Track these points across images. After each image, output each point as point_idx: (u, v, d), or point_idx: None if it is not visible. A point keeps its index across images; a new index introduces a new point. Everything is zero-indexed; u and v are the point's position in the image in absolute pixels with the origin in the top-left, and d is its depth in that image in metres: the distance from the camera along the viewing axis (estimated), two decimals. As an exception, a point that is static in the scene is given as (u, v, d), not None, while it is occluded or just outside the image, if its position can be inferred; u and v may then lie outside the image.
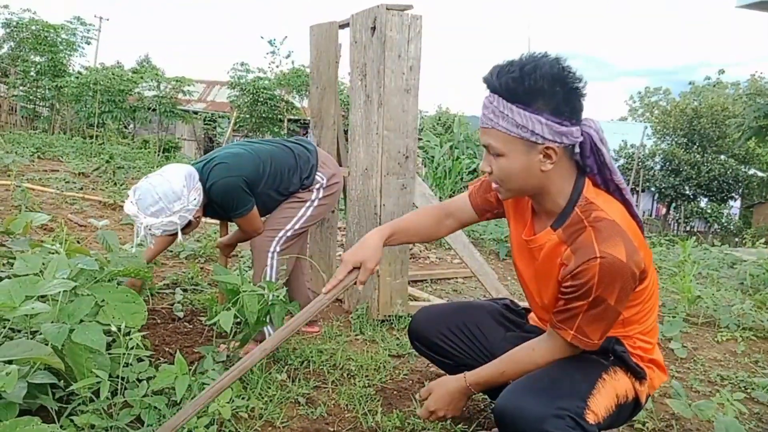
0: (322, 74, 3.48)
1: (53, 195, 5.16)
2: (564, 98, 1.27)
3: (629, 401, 1.46)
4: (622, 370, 1.46)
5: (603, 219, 1.32)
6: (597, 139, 1.34)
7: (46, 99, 15.01)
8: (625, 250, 1.28)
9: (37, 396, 1.52)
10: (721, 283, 4.72)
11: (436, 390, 1.60)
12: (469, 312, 1.79)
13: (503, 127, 1.29)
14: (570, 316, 1.36)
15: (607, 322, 1.36)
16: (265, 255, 2.47)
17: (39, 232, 3.84)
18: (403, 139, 3.02)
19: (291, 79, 14.81)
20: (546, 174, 1.34)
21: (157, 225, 2.14)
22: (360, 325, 2.94)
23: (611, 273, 1.28)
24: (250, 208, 2.37)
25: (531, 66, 1.26)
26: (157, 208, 2.12)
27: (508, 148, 1.31)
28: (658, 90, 44.86)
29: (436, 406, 1.59)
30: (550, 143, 1.29)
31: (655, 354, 1.54)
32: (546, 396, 1.32)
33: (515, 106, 1.27)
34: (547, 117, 1.26)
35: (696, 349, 3.03)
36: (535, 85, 1.25)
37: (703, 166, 20.82)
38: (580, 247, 1.32)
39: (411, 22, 2.92)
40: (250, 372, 2.11)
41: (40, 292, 1.52)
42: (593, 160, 1.37)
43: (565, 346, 1.41)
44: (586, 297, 1.31)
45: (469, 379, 1.54)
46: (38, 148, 8.36)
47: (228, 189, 2.29)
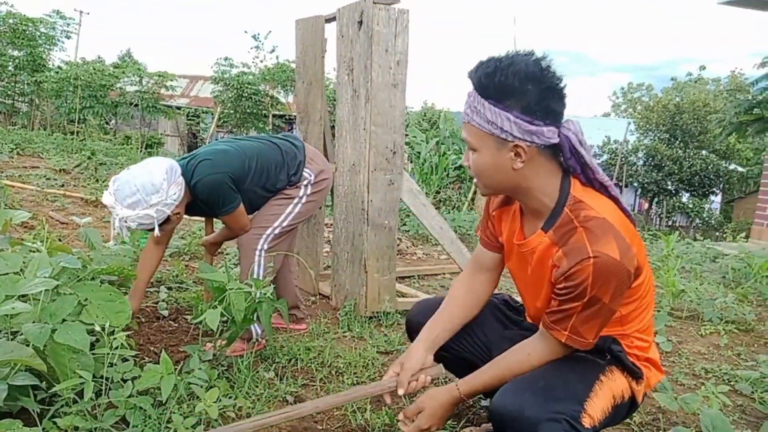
0: (309, 69, 3.45)
1: (33, 192, 5.07)
2: (537, 97, 1.27)
3: (625, 401, 1.45)
4: (619, 370, 1.45)
5: (593, 218, 1.31)
6: (576, 141, 1.33)
7: (25, 94, 14.72)
8: (618, 249, 1.27)
9: (18, 398, 1.48)
10: (704, 277, 4.78)
11: (428, 405, 1.51)
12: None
13: (477, 123, 1.31)
14: (564, 317, 1.34)
15: (601, 321, 1.34)
16: (252, 253, 2.43)
17: (19, 230, 3.77)
18: (391, 135, 3.00)
19: (276, 74, 14.69)
20: (520, 173, 1.34)
21: (133, 217, 2.08)
22: (348, 321, 2.92)
23: (605, 273, 1.26)
24: (236, 206, 2.32)
25: (507, 62, 1.27)
26: (134, 199, 2.07)
27: (480, 143, 1.34)
28: (641, 86, 45.36)
29: (429, 422, 1.51)
30: (519, 141, 1.29)
31: (652, 353, 1.53)
32: (542, 398, 1.30)
33: (487, 102, 1.29)
34: (516, 115, 1.27)
35: (681, 343, 3.07)
36: (505, 81, 1.26)
37: (684, 162, 21.06)
38: (572, 248, 1.30)
39: (398, 16, 2.90)
40: (237, 371, 2.09)
41: (21, 292, 1.48)
42: (575, 161, 1.36)
43: (560, 346, 1.39)
44: (580, 298, 1.29)
45: (463, 389, 1.49)
46: (17, 144, 8.20)
47: (213, 186, 2.24)
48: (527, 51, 1.30)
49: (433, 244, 5.72)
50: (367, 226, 3.01)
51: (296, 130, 14.28)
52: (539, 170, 1.35)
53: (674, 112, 22.57)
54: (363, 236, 3.03)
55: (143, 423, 1.63)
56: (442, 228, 3.36)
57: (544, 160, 1.35)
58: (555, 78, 1.29)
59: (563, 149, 1.34)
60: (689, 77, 40.02)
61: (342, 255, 3.22)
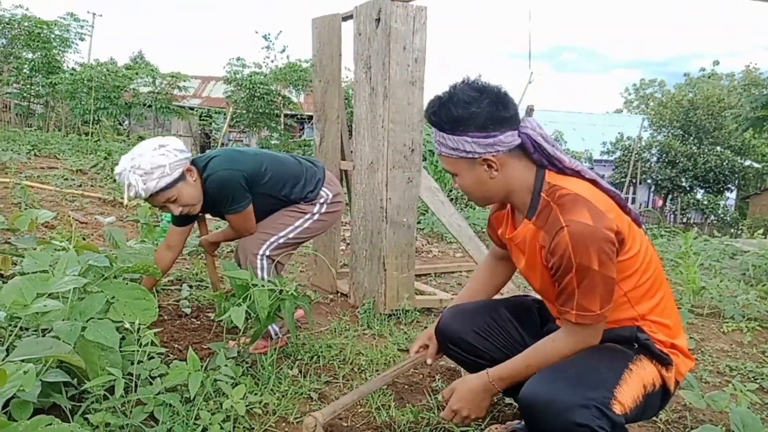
0: (325, 67, 3.45)
1: (53, 192, 5.12)
2: (484, 114, 1.40)
3: (657, 389, 1.46)
4: (647, 358, 1.46)
5: (566, 194, 1.42)
6: (536, 136, 1.45)
7: (40, 96, 14.88)
8: (589, 215, 1.36)
9: (50, 394, 1.50)
10: (724, 274, 4.73)
11: (458, 389, 1.57)
12: (500, 310, 1.76)
13: (445, 152, 1.48)
14: (567, 297, 1.39)
15: (601, 290, 1.36)
16: (254, 258, 2.31)
17: (41, 230, 3.81)
18: (409, 132, 2.99)
19: (287, 73, 14.72)
20: (499, 180, 1.47)
21: (148, 169, 2.03)
22: (367, 319, 2.93)
23: (581, 237, 1.34)
24: (245, 206, 2.24)
25: (447, 97, 1.44)
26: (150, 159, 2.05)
27: (456, 168, 1.49)
28: (653, 82, 44.95)
29: (459, 405, 1.55)
30: (484, 155, 1.43)
31: (678, 339, 1.53)
32: (572, 385, 1.32)
33: (445, 134, 1.45)
34: (473, 135, 1.41)
35: (703, 340, 3.03)
36: (451, 113, 1.42)
37: (699, 158, 20.85)
38: (549, 224, 1.41)
39: (416, 13, 2.89)
40: (261, 368, 2.10)
41: (52, 290, 1.50)
42: (539, 155, 1.48)
43: (577, 330, 1.42)
44: (569, 269, 1.35)
45: (492, 374, 1.52)
46: (34, 145, 8.30)
47: (225, 182, 2.19)
48: (463, 79, 1.47)
49: (449, 242, 5.71)
50: (386, 224, 3.01)
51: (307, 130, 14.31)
52: (515, 172, 1.47)
53: (688, 108, 22.36)
54: (382, 234, 3.03)
55: (171, 420, 1.64)
56: (460, 225, 3.35)
57: (516, 161, 1.47)
58: (493, 90, 1.43)
59: (527, 146, 1.46)
60: (702, 72, 39.55)
61: (360, 253, 3.22)
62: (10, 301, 1.42)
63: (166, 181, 2.05)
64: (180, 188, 2.12)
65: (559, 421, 1.29)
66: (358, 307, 3.12)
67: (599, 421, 1.28)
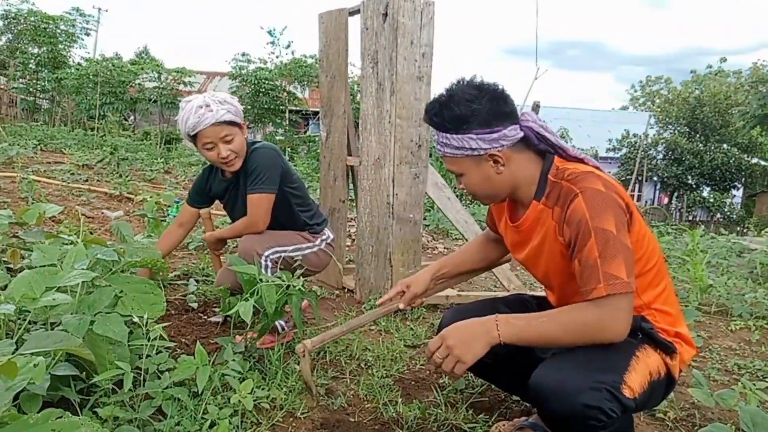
0: (332, 62, 3.44)
1: (59, 187, 5.13)
2: (486, 110, 1.42)
3: (662, 377, 1.46)
4: (652, 347, 1.46)
5: (576, 172, 1.44)
6: (538, 127, 1.48)
7: (46, 91, 14.93)
8: (601, 183, 1.39)
9: (59, 388, 1.50)
10: (731, 272, 4.70)
11: (457, 323, 1.43)
12: (499, 307, 1.76)
13: (450, 152, 1.48)
14: (591, 271, 1.32)
15: (623, 255, 1.32)
16: (258, 257, 2.29)
17: (48, 223, 3.82)
18: (416, 128, 2.98)
19: (292, 69, 14.72)
20: (505, 175, 1.48)
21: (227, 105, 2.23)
22: (373, 315, 2.92)
23: (595, 199, 1.35)
24: (271, 190, 2.32)
25: (446, 97, 1.45)
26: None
27: (461, 167, 1.50)
28: (660, 79, 44.66)
29: (450, 339, 1.37)
30: (490, 150, 1.45)
31: (681, 327, 1.54)
32: (583, 370, 1.32)
33: (449, 134, 1.46)
34: (477, 132, 1.43)
35: (710, 338, 3.02)
36: (453, 113, 1.43)
37: (705, 155, 20.76)
38: (562, 197, 1.43)
39: (423, 7, 2.88)
40: (268, 363, 2.10)
41: (61, 284, 1.50)
42: (544, 144, 1.51)
43: (611, 303, 1.31)
44: (588, 235, 1.33)
45: (501, 317, 1.39)
46: (40, 140, 8.31)
47: (268, 157, 2.32)
48: (458, 79, 1.48)
49: (455, 238, 5.70)
50: (393, 220, 3.00)
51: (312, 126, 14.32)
52: (520, 164, 1.49)
53: (695, 105, 22.24)
54: (388, 230, 3.02)
55: (179, 414, 1.64)
56: (467, 222, 3.34)
57: (520, 154, 1.49)
58: (492, 87, 1.45)
59: (531, 139, 1.49)
60: (709, 69, 39.30)
61: (366, 249, 3.21)
62: (19, 295, 1.42)
63: (232, 117, 2.23)
64: (237, 132, 2.27)
65: (570, 404, 1.29)
66: (364, 303, 3.11)
67: (610, 404, 1.29)
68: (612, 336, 1.33)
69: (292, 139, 15.00)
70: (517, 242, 1.63)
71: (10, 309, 1.35)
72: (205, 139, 2.22)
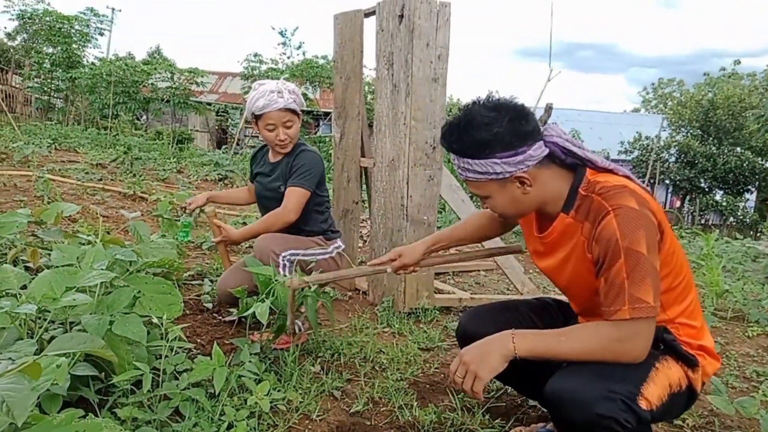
0: (347, 64, 3.44)
1: (74, 186, 5.17)
2: (507, 132, 1.36)
3: (683, 390, 1.43)
4: (673, 359, 1.43)
5: (608, 185, 1.39)
6: (562, 142, 1.43)
7: (60, 90, 15.07)
8: (634, 201, 1.33)
9: (78, 388, 1.50)
10: (747, 277, 4.64)
11: (475, 342, 1.42)
12: (520, 310, 1.74)
13: (473, 177, 1.43)
14: (616, 292, 1.30)
15: (651, 279, 1.29)
16: (275, 256, 2.33)
17: (64, 222, 3.84)
18: (431, 130, 2.97)
19: (304, 70, 14.74)
20: (533, 194, 1.43)
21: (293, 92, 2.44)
22: (387, 317, 2.92)
23: (628, 219, 1.30)
24: (310, 186, 2.46)
25: (464, 122, 1.39)
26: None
27: (486, 191, 1.45)
28: (672, 81, 44.30)
29: (467, 356, 1.37)
30: (516, 173, 1.39)
31: (705, 340, 1.51)
32: (598, 379, 1.29)
33: (470, 160, 1.40)
34: (500, 156, 1.37)
35: (728, 344, 2.98)
36: (473, 139, 1.38)
37: (718, 159, 20.53)
38: (592, 213, 1.37)
39: (440, 9, 2.86)
40: (284, 364, 2.10)
41: (81, 284, 1.50)
42: (572, 158, 1.45)
43: (632, 326, 1.30)
44: (617, 255, 1.29)
45: (517, 331, 1.38)
46: (54, 139, 8.40)
47: (314, 158, 2.51)
48: (474, 100, 1.42)
49: (466, 241, 5.67)
50: (407, 222, 2.99)
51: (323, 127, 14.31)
52: (548, 182, 1.44)
53: (708, 108, 22.01)
54: (402, 232, 3.01)
55: (197, 415, 1.64)
56: (481, 224, 3.32)
57: (547, 171, 1.44)
58: (511, 106, 1.39)
59: (556, 154, 1.43)
60: (723, 72, 38.92)
61: (380, 251, 3.20)
62: (40, 295, 1.43)
63: (296, 106, 2.44)
64: (297, 121, 2.49)
65: (585, 413, 1.27)
66: (378, 305, 3.11)
67: (625, 415, 1.26)
68: (629, 359, 1.32)
69: (303, 140, 15.03)
70: (541, 252, 1.59)
71: (32, 309, 1.36)
72: (269, 120, 2.41)
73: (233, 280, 2.37)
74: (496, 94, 1.43)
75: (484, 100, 1.41)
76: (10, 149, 6.50)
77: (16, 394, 0.87)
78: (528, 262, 4.99)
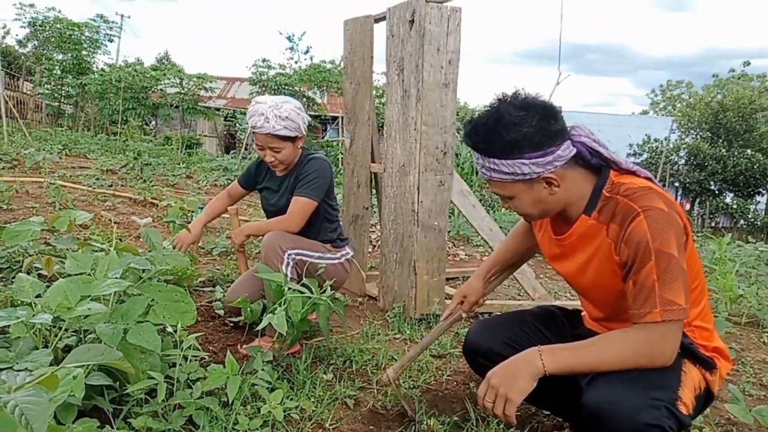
0: (357, 69, 3.44)
1: (85, 192, 5.20)
2: (536, 132, 1.33)
3: (702, 392, 1.42)
4: (691, 362, 1.42)
5: (634, 187, 1.36)
6: (590, 142, 1.40)
7: (70, 96, 15.21)
8: (662, 202, 1.31)
9: (92, 397, 1.50)
10: (761, 282, 4.59)
11: (501, 363, 1.38)
12: (526, 318, 1.73)
13: (498, 177, 1.39)
14: (647, 294, 1.28)
15: (682, 280, 1.27)
16: (281, 252, 2.33)
17: (75, 229, 3.86)
18: (441, 135, 2.96)
19: (312, 75, 14.80)
20: (559, 194, 1.41)
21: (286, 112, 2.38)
22: (398, 324, 2.90)
23: (658, 221, 1.28)
24: (317, 197, 2.46)
25: (492, 121, 1.35)
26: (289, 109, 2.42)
27: (511, 191, 1.42)
28: (681, 83, 44.11)
29: (495, 379, 1.34)
30: (543, 173, 1.36)
31: (717, 341, 1.51)
32: (639, 387, 1.27)
33: (497, 160, 1.37)
34: (528, 156, 1.34)
35: (743, 351, 2.95)
36: (502, 138, 1.34)
37: (728, 161, 20.36)
38: (620, 214, 1.34)
39: (450, 14, 2.86)
40: (297, 372, 2.09)
41: (95, 293, 1.50)
42: (597, 159, 1.43)
43: (662, 328, 1.28)
44: (648, 257, 1.27)
45: (544, 348, 1.34)
46: (65, 145, 8.46)
47: (323, 167, 2.51)
48: (501, 97, 1.38)
49: (475, 245, 5.66)
50: (417, 228, 2.98)
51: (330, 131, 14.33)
52: (574, 182, 1.41)
53: (717, 110, 21.84)
54: (412, 238, 3.00)
55: (211, 425, 1.63)
56: (492, 230, 3.31)
57: (573, 172, 1.41)
58: (539, 104, 1.35)
59: (583, 154, 1.41)
60: (732, 74, 38.67)
61: (390, 256, 3.20)
62: (55, 304, 1.43)
63: (286, 133, 2.39)
64: (288, 146, 2.45)
65: (630, 424, 1.24)
66: (388, 311, 3.09)
67: (669, 422, 1.25)
68: (660, 363, 1.30)
69: (310, 145, 15.07)
70: (558, 255, 1.57)
71: (48, 319, 1.36)
72: (257, 140, 2.44)
73: (241, 293, 2.37)
74: (523, 92, 1.38)
75: (512, 98, 1.37)
76: (21, 155, 6.56)
77: (35, 407, 0.86)
78: (539, 267, 4.96)
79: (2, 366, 1.23)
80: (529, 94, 1.38)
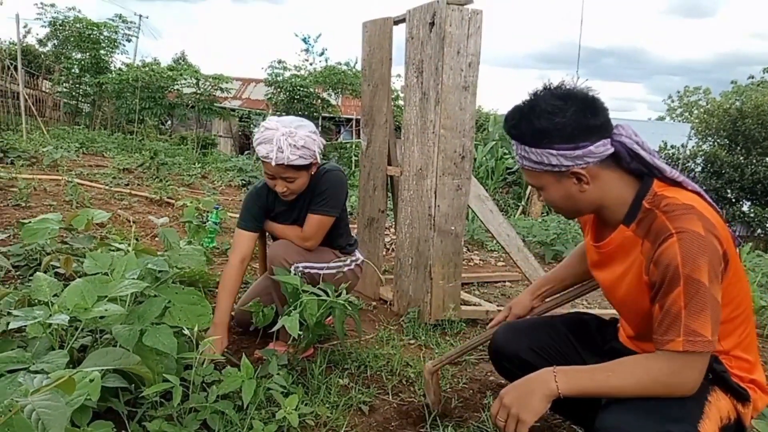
0: (375, 71, 3.42)
1: (102, 191, 5.23)
2: (571, 123, 1.28)
3: (731, 423, 1.34)
4: (722, 391, 1.35)
5: (675, 203, 1.28)
6: (632, 144, 1.33)
7: (87, 95, 15.37)
8: (701, 225, 1.22)
9: (107, 399, 1.49)
10: (782, 293, 4.49)
11: (515, 383, 1.37)
12: (556, 326, 1.68)
13: (528, 165, 1.37)
14: (672, 321, 1.21)
15: (711, 311, 1.20)
16: (286, 264, 2.24)
17: (92, 227, 3.88)
18: (460, 139, 2.93)
19: (327, 76, 14.82)
20: (590, 193, 1.35)
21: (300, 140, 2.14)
22: (413, 329, 2.87)
23: (692, 246, 1.20)
24: (333, 214, 2.34)
25: (528, 108, 1.32)
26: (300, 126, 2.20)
27: (541, 182, 1.38)
28: (698, 89, 43.61)
29: (508, 398, 1.32)
30: (573, 168, 1.31)
31: (757, 374, 1.41)
32: (656, 417, 1.22)
33: (528, 147, 1.34)
34: (558, 147, 1.29)
35: (765, 363, 2.87)
36: (534, 126, 1.30)
37: (746, 169, 20.07)
38: (654, 232, 1.27)
39: (471, 16, 2.83)
40: (311, 376, 2.07)
41: (113, 294, 1.49)
42: (637, 163, 1.36)
43: (684, 359, 1.23)
44: (676, 282, 1.20)
45: (559, 369, 1.32)
46: (82, 143, 8.54)
47: (339, 181, 2.37)
48: (544, 85, 1.34)
49: (490, 250, 5.61)
50: (434, 232, 2.95)
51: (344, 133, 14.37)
52: (609, 183, 1.35)
53: (736, 117, 21.56)
54: (429, 242, 2.97)
55: (225, 429, 1.61)
56: (509, 235, 3.26)
57: (610, 172, 1.35)
58: (580, 96, 1.30)
59: (622, 155, 1.34)
60: (751, 80, 38.16)
61: (406, 261, 3.17)
62: (72, 304, 1.42)
63: (301, 162, 2.16)
64: (303, 174, 2.24)
65: None
66: (403, 316, 3.06)
67: None
68: (679, 394, 1.25)
69: (325, 146, 15.10)
70: (596, 262, 1.51)
71: (65, 319, 1.35)
72: (267, 169, 2.20)
73: (258, 291, 2.35)
74: (571, 82, 1.34)
75: (553, 87, 1.34)
76: (39, 153, 6.62)
77: (52, 411, 0.85)
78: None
79: (19, 367, 1.22)
80: (576, 85, 1.33)
